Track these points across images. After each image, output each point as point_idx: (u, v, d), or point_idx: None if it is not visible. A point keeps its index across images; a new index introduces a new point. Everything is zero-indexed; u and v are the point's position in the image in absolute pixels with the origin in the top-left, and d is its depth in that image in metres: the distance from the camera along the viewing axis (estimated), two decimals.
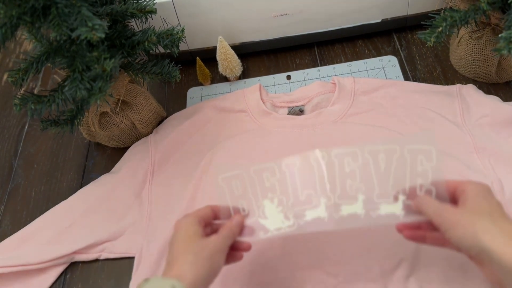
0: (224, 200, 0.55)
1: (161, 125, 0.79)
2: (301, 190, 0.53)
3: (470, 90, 0.73)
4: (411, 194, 0.49)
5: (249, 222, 0.54)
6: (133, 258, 0.66)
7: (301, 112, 0.77)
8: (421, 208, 0.48)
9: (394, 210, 0.49)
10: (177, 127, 0.76)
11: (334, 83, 0.78)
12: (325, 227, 0.51)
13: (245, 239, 0.53)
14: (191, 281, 0.45)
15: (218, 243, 0.49)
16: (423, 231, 0.50)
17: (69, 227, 0.69)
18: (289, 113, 0.77)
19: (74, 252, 0.67)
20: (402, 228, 0.51)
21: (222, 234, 0.51)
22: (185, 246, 0.48)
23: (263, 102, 0.78)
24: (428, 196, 0.48)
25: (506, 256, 0.40)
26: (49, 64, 0.64)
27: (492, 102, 0.71)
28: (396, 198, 0.50)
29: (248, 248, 0.54)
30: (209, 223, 0.54)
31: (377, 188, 0.51)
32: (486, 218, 0.43)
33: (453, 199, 0.48)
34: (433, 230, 0.49)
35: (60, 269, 0.67)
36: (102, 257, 0.67)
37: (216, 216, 0.54)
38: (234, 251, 0.53)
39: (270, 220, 0.52)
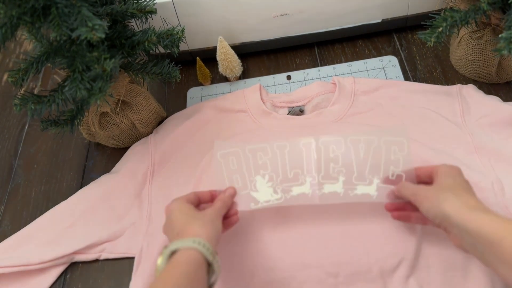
0: (221, 173, 0.62)
1: (161, 125, 0.79)
2: (290, 169, 0.61)
3: (470, 90, 0.73)
4: (384, 178, 0.59)
5: (241, 194, 0.61)
6: (133, 258, 0.66)
7: (301, 112, 0.77)
8: (401, 192, 0.56)
9: (369, 191, 0.59)
10: (177, 128, 0.76)
11: (334, 83, 0.78)
12: (309, 202, 0.59)
13: (238, 209, 0.60)
14: (207, 238, 0.50)
15: (214, 213, 0.56)
16: (408, 211, 0.58)
17: (69, 227, 0.69)
18: (289, 113, 0.77)
19: (74, 252, 0.67)
20: (390, 209, 0.58)
21: (216, 206, 0.57)
22: (188, 218, 0.54)
23: (263, 102, 0.78)
24: (406, 182, 0.57)
25: (461, 219, 0.47)
26: (49, 64, 0.64)
27: (492, 102, 0.71)
28: (371, 181, 0.59)
29: (235, 213, 0.60)
30: (196, 206, 0.59)
31: (356, 172, 0.60)
32: (449, 191, 0.51)
33: (430, 181, 0.56)
34: (416, 210, 0.56)
35: (60, 269, 0.67)
36: (102, 257, 0.67)
37: (200, 201, 0.60)
38: (225, 219, 0.59)
39: (260, 193, 0.60)
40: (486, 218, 0.46)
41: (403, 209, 0.58)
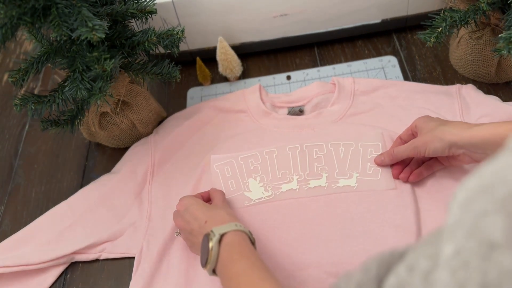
0: (217, 181, 0.69)
1: (161, 125, 0.79)
2: (278, 170, 0.69)
3: (469, 90, 0.73)
4: (362, 172, 0.67)
5: (236, 195, 0.68)
6: (133, 258, 0.66)
7: (301, 112, 0.77)
8: (399, 157, 0.64)
9: (350, 183, 0.66)
10: (177, 128, 0.76)
11: (334, 84, 0.78)
12: (296, 195, 0.66)
13: (234, 207, 0.66)
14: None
15: (226, 207, 0.61)
16: (417, 169, 0.64)
17: (69, 227, 0.69)
18: (289, 113, 0.77)
19: (74, 252, 0.67)
20: (405, 178, 0.64)
21: (222, 203, 0.62)
22: (209, 208, 0.59)
23: (263, 103, 0.78)
24: (395, 148, 0.64)
25: (467, 139, 0.56)
26: (49, 65, 0.64)
27: (492, 102, 0.71)
28: (351, 175, 0.67)
29: None
30: None
31: (337, 168, 0.68)
32: (440, 127, 0.59)
33: (415, 136, 0.64)
34: (418, 165, 0.65)
35: (60, 269, 0.67)
36: (102, 257, 0.67)
37: None
38: None
39: (253, 193, 0.68)
40: (483, 129, 0.55)
41: (412, 170, 0.65)
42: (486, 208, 0.24)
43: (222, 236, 0.52)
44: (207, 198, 0.65)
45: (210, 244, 0.52)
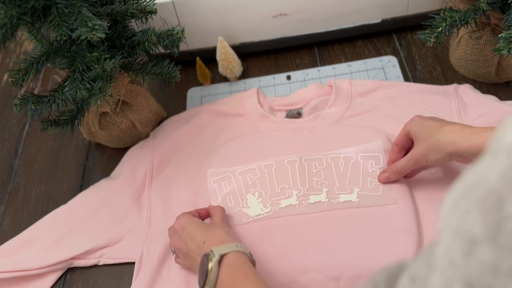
0: (215, 197, 0.67)
1: (158, 128, 0.78)
2: (277, 185, 0.67)
3: (466, 90, 0.73)
4: (363, 187, 0.65)
5: (234, 211, 0.66)
6: (132, 262, 0.66)
7: (299, 115, 0.77)
8: (404, 171, 0.62)
9: (350, 198, 0.64)
10: (175, 132, 0.76)
11: (331, 86, 0.78)
12: (296, 212, 0.64)
13: (232, 224, 0.64)
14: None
15: (225, 224, 0.60)
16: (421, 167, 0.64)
17: (68, 232, 0.68)
18: (287, 116, 0.77)
19: (73, 258, 0.66)
20: (410, 175, 0.65)
21: (219, 220, 0.61)
22: (207, 228, 0.58)
23: (261, 106, 0.77)
24: (398, 163, 0.62)
25: (465, 148, 0.55)
26: (49, 65, 0.64)
27: (489, 101, 0.71)
28: (352, 190, 0.65)
29: None
30: None
31: (337, 183, 0.66)
32: (435, 137, 0.57)
33: (412, 141, 0.62)
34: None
35: (58, 274, 0.67)
36: (101, 263, 0.67)
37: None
38: None
39: (251, 209, 0.66)
40: (480, 137, 0.54)
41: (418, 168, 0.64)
42: (467, 207, 0.25)
43: (222, 256, 0.51)
44: (205, 215, 0.64)
45: (210, 265, 0.50)
